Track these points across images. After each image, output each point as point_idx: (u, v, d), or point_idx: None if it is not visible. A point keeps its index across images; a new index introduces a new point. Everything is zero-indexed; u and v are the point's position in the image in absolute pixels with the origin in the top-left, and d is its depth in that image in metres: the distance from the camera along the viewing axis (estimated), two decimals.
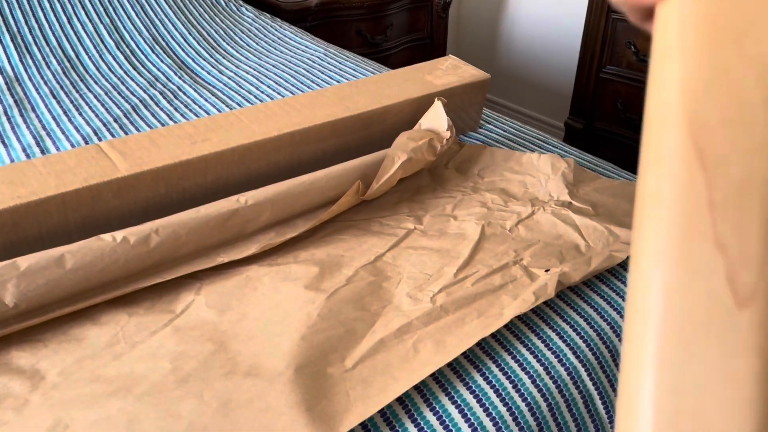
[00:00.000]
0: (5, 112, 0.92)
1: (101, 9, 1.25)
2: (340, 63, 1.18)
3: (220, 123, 0.75)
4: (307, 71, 1.13)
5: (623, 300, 0.64)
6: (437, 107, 0.79)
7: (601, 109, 1.78)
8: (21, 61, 1.08)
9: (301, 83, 1.08)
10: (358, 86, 0.86)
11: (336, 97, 0.82)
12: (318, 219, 0.69)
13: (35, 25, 1.17)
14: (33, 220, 0.60)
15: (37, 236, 0.61)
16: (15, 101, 0.96)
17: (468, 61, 1.01)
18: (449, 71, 0.91)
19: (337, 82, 1.09)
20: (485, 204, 0.75)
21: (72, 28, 1.19)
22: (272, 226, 0.69)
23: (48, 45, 1.14)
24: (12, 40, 1.12)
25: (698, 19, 0.16)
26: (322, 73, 1.13)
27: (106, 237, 0.59)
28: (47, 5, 1.21)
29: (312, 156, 0.78)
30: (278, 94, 1.04)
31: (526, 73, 2.25)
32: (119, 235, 0.59)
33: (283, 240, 0.66)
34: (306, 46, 1.26)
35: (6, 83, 1.01)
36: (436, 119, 0.80)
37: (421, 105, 0.85)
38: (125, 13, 1.26)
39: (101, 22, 1.22)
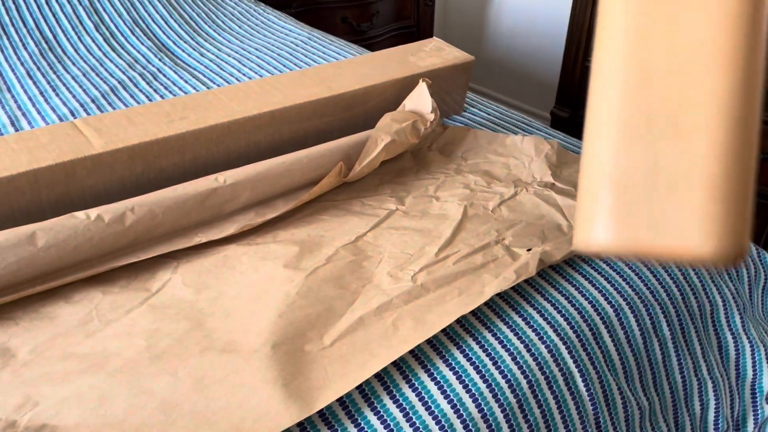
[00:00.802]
0: None
1: None
2: (323, 47, 1.16)
3: (198, 101, 0.74)
4: (290, 54, 1.12)
5: (605, 280, 0.64)
6: (422, 88, 0.78)
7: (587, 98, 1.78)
8: None
9: (284, 66, 1.07)
10: (340, 67, 0.85)
11: (318, 78, 0.81)
12: (299, 200, 0.68)
13: (12, 6, 1.14)
14: (4, 197, 0.58)
15: (9, 214, 0.60)
16: None
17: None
18: (433, 53, 0.90)
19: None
20: (468, 185, 0.75)
21: (50, 9, 1.16)
22: (252, 206, 0.68)
23: (25, 26, 1.11)
24: None
25: None
26: (306, 56, 1.12)
27: (80, 215, 0.57)
28: None
29: (293, 137, 0.77)
30: (260, 76, 1.03)
31: (512, 62, 2.25)
32: (93, 212, 0.58)
33: (263, 221, 0.65)
34: (290, 30, 1.24)
35: None
36: (420, 101, 0.79)
37: (405, 86, 0.84)
38: None
39: (80, 4, 1.19)
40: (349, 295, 0.57)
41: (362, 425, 0.47)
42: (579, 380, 0.56)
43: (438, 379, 0.50)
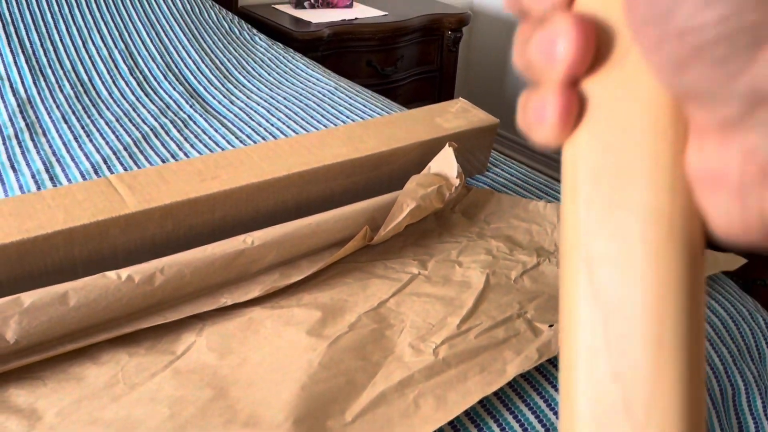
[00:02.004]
0: (16, 136, 0.93)
1: (116, 34, 1.26)
2: (350, 98, 1.18)
3: (230, 160, 0.75)
4: (318, 105, 1.14)
5: None
6: (448, 153, 0.79)
7: None
8: (34, 83, 1.09)
9: (311, 117, 1.09)
10: (367, 127, 0.86)
11: (346, 137, 0.83)
12: (323, 262, 0.69)
13: (50, 48, 1.18)
14: (39, 254, 0.60)
15: (43, 270, 0.61)
16: (27, 125, 0.96)
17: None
18: (459, 114, 0.92)
19: (347, 117, 1.10)
20: (491, 251, 0.75)
21: (87, 52, 1.20)
22: (277, 266, 0.69)
23: (62, 68, 1.15)
24: (27, 61, 1.13)
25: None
26: (332, 107, 1.14)
27: (111, 275, 0.59)
28: (63, 28, 1.23)
29: (320, 195, 0.79)
30: (288, 127, 1.05)
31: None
32: (124, 273, 0.59)
33: (288, 283, 0.66)
34: (317, 79, 1.27)
35: (18, 105, 1.01)
36: (446, 164, 0.80)
37: (430, 148, 0.85)
38: (140, 38, 1.27)
39: (116, 47, 1.23)
40: (371, 367, 0.57)
41: None
42: None
43: None
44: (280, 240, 0.68)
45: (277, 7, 1.92)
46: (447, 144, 0.81)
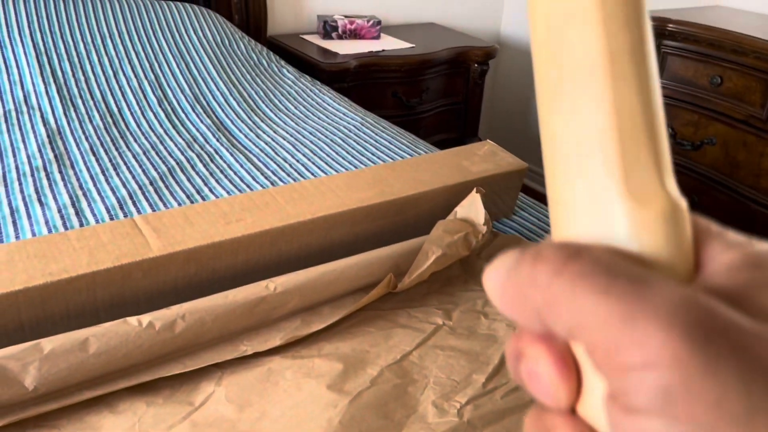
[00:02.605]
0: (45, 167, 0.94)
1: (147, 65, 1.28)
2: (376, 134, 1.18)
3: (255, 202, 0.75)
4: (343, 141, 1.14)
5: None
6: (475, 199, 0.78)
7: None
8: (65, 113, 1.10)
9: (336, 153, 1.09)
10: (394, 169, 0.85)
11: (372, 180, 0.82)
12: (346, 311, 0.68)
13: (81, 78, 1.20)
14: (62, 297, 0.59)
15: (64, 313, 0.60)
16: (55, 156, 0.97)
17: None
18: (486, 158, 0.91)
19: (372, 154, 1.09)
20: None
21: (117, 82, 1.22)
22: (299, 312, 0.68)
23: (92, 98, 1.16)
24: (58, 91, 1.15)
25: None
26: (358, 144, 1.13)
27: (132, 321, 0.58)
28: (95, 58, 1.25)
29: (344, 239, 0.78)
30: (313, 163, 1.04)
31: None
32: (145, 319, 0.58)
33: (309, 333, 0.65)
34: (344, 114, 1.27)
35: (48, 136, 1.02)
36: (473, 210, 0.78)
37: (457, 192, 0.84)
38: (170, 69, 1.29)
39: (146, 78, 1.25)
40: (393, 426, 0.56)
41: None
42: None
43: None
44: (303, 286, 0.67)
45: (304, 37, 1.94)
46: (474, 190, 0.79)
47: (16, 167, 0.92)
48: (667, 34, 1.56)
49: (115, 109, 1.15)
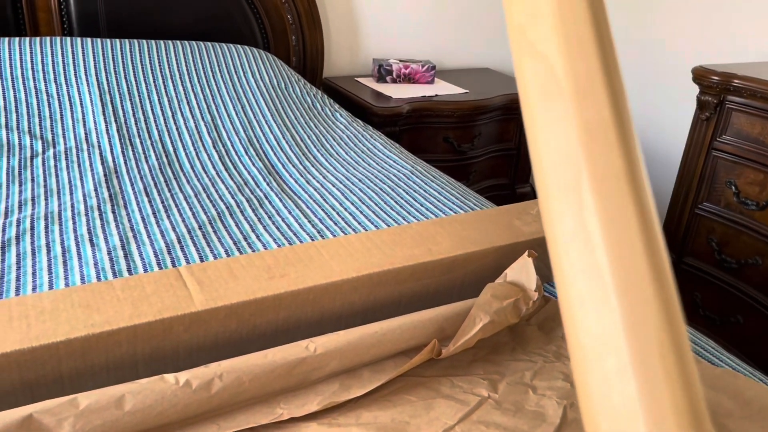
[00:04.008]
0: (99, 207, 0.95)
1: (204, 106, 1.30)
2: (425, 184, 1.16)
3: (299, 255, 0.74)
4: (392, 189, 1.12)
5: None
6: (526, 262, 0.75)
7: (693, 245, 1.68)
8: (123, 152, 1.13)
9: (385, 202, 1.07)
10: (442, 226, 0.83)
11: (419, 237, 0.80)
12: (387, 376, 0.65)
13: (141, 117, 1.23)
14: (102, 349, 0.59)
15: (104, 365, 0.60)
16: (110, 195, 0.99)
17: None
18: (539, 217, 0.87)
19: (421, 205, 1.08)
20: (568, 377, 0.69)
21: (174, 122, 1.24)
22: (338, 375, 0.66)
23: (150, 138, 1.19)
24: (118, 130, 1.18)
25: None
26: (407, 193, 1.12)
27: (170, 378, 0.57)
28: (155, 98, 1.28)
29: (388, 298, 0.76)
30: (360, 212, 1.03)
31: None
32: (182, 377, 0.57)
33: (348, 399, 0.63)
34: (394, 161, 1.26)
35: (105, 175, 1.05)
36: (524, 274, 0.75)
37: (507, 253, 0.81)
38: (226, 111, 1.31)
39: (202, 119, 1.27)
40: None
41: None
42: None
43: None
44: (344, 348, 0.65)
45: (359, 80, 1.96)
46: (526, 253, 0.76)
47: (72, 205, 0.94)
48: (731, 90, 1.50)
49: (171, 150, 1.17)
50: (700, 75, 1.55)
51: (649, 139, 2.05)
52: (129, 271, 0.80)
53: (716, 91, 1.53)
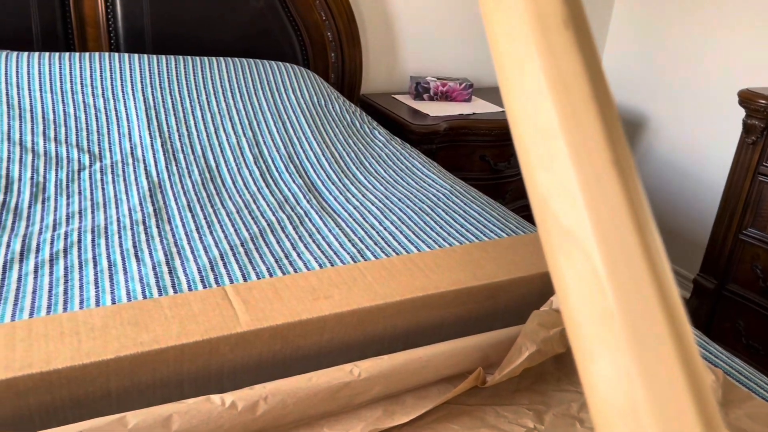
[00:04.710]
0: (144, 221, 0.97)
1: (246, 122, 1.32)
2: (465, 204, 1.15)
3: (343, 277, 0.73)
4: (432, 210, 1.12)
5: None
6: None
7: (737, 271, 1.63)
8: (167, 167, 1.14)
9: (424, 222, 1.07)
10: (486, 249, 0.82)
11: (463, 261, 0.79)
12: (431, 403, 0.64)
13: (185, 132, 1.25)
14: (150, 367, 0.59)
15: (150, 383, 0.60)
16: (155, 210, 1.00)
17: None
18: None
19: (461, 225, 1.07)
20: None
21: (217, 138, 1.26)
22: (381, 400, 0.65)
23: (193, 153, 1.20)
24: (162, 145, 1.20)
25: None
26: (446, 213, 1.11)
27: (216, 399, 0.57)
28: (198, 114, 1.30)
29: (432, 322, 0.75)
30: (400, 232, 1.03)
31: (654, 213, 2.14)
32: (228, 398, 0.57)
33: (391, 425, 0.62)
34: (433, 180, 1.25)
35: (150, 189, 1.06)
36: None
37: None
38: (267, 128, 1.32)
39: (244, 135, 1.28)
40: None
41: None
42: None
43: None
44: (388, 374, 0.64)
45: (396, 97, 1.96)
46: None
47: (118, 219, 0.96)
48: None
49: (213, 165, 1.18)
50: (746, 98, 1.51)
51: (693, 163, 2.01)
52: (174, 287, 0.81)
53: (763, 114, 1.49)
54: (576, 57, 0.17)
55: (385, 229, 1.04)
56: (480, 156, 1.87)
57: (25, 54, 1.31)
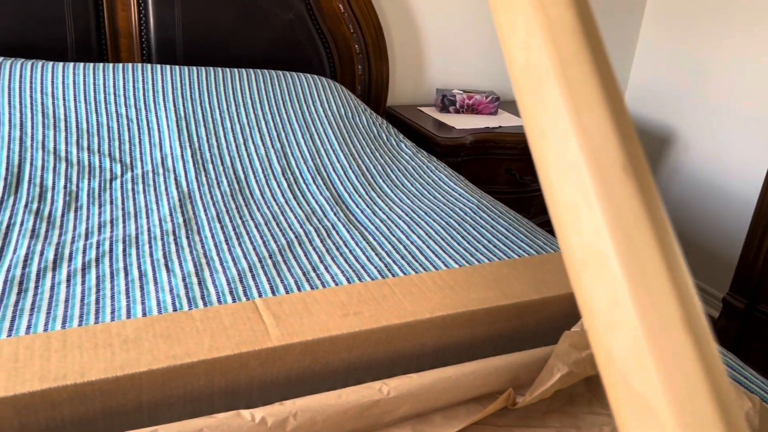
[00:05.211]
0: (174, 231, 0.98)
1: (274, 134, 1.33)
2: (493, 220, 1.15)
3: (372, 293, 0.73)
4: (459, 224, 1.11)
5: None
6: None
7: None
8: (196, 177, 1.16)
9: (451, 237, 1.06)
10: (516, 268, 0.82)
11: (492, 279, 0.79)
12: (460, 424, 0.64)
13: (215, 143, 1.26)
14: (181, 381, 0.60)
15: (181, 396, 0.61)
16: (184, 220, 1.01)
17: None
18: None
19: (489, 241, 1.06)
20: None
21: (246, 149, 1.27)
22: (409, 419, 0.65)
23: (222, 164, 1.22)
24: (192, 155, 1.21)
25: None
26: (473, 228, 1.11)
27: (246, 414, 0.57)
28: (228, 125, 1.32)
29: (460, 341, 0.74)
30: (427, 246, 1.02)
31: (682, 229, 2.11)
32: (258, 414, 0.57)
33: None
34: (459, 195, 1.25)
35: (180, 200, 1.08)
36: None
37: None
38: (295, 139, 1.33)
39: (272, 147, 1.29)
40: None
41: None
42: None
43: None
44: (417, 392, 0.64)
45: (422, 109, 1.96)
46: None
47: (148, 229, 0.97)
48: None
49: (242, 176, 1.19)
50: None
51: (724, 179, 1.98)
52: (203, 298, 0.81)
53: None
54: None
55: (412, 243, 1.03)
56: (505, 169, 1.86)
57: (61, 64, 1.34)
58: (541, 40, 0.17)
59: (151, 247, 0.92)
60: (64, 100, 1.26)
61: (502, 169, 1.87)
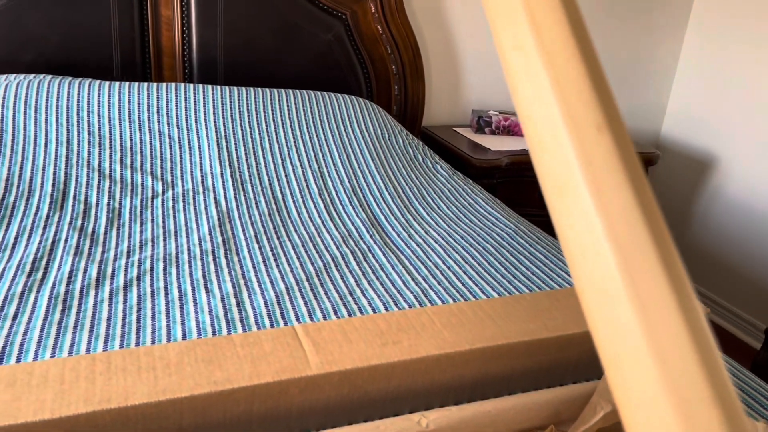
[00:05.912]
0: (213, 251, 0.99)
1: (312, 154, 1.34)
2: (530, 245, 1.13)
3: (411, 322, 0.73)
4: (496, 250, 1.10)
5: None
6: None
7: None
8: (235, 197, 1.17)
9: (489, 263, 1.05)
10: (557, 299, 0.80)
11: (533, 310, 0.77)
12: None
13: (253, 163, 1.28)
14: (222, 406, 0.60)
15: (221, 422, 0.61)
16: (223, 240, 1.03)
17: None
18: None
19: (527, 268, 1.05)
20: None
21: (284, 169, 1.28)
22: None
23: (261, 184, 1.23)
24: (231, 175, 1.23)
25: None
26: (511, 254, 1.09)
27: None
28: (267, 145, 1.33)
29: (500, 373, 0.73)
30: (464, 272, 1.02)
31: (723, 256, 2.06)
32: None
33: None
34: (496, 219, 1.24)
35: (219, 219, 1.09)
36: None
37: None
38: (332, 160, 1.34)
39: (309, 168, 1.30)
40: None
41: None
42: None
43: None
44: (456, 426, 0.63)
45: (457, 130, 1.96)
46: None
47: (188, 248, 0.98)
48: None
49: (280, 196, 1.20)
50: None
51: (766, 206, 1.93)
52: (241, 320, 0.82)
53: None
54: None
55: (448, 268, 1.03)
56: (539, 193, 1.84)
57: (107, 83, 1.38)
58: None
59: (191, 266, 0.94)
60: (109, 118, 1.29)
61: (536, 192, 1.85)
